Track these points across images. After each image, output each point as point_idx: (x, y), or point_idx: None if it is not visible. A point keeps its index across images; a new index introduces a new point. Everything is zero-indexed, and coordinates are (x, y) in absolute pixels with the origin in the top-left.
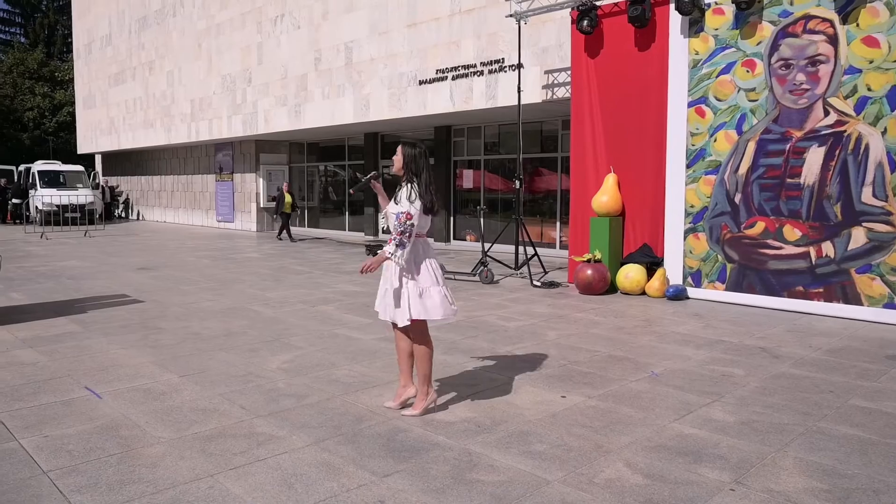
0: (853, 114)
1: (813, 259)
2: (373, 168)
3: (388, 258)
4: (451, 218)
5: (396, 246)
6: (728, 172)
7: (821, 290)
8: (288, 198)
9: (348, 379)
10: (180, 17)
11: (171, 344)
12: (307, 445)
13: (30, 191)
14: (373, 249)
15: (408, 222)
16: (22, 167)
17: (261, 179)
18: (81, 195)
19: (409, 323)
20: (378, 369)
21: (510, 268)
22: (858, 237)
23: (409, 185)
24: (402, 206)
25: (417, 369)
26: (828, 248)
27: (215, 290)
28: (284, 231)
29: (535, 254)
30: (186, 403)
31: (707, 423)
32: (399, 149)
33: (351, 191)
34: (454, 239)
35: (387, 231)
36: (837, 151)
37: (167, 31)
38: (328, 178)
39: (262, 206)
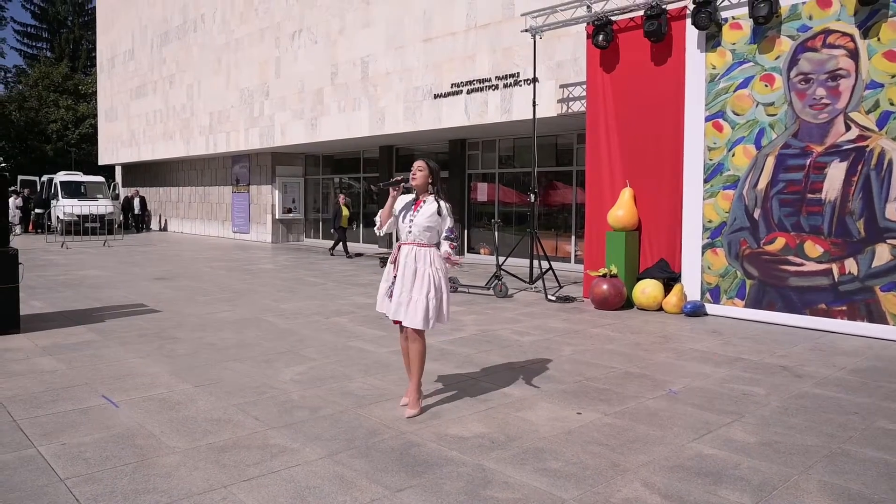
0: (875, 129)
1: (835, 276)
2: (387, 180)
3: (455, 262)
4: (466, 231)
5: (456, 252)
6: (747, 187)
7: (844, 307)
8: (345, 211)
9: (362, 391)
10: (201, 32)
11: (186, 354)
12: (320, 458)
13: (52, 201)
14: (387, 261)
15: (454, 231)
16: (45, 178)
17: (276, 191)
18: (101, 205)
19: (429, 327)
20: (392, 382)
21: (525, 282)
22: (882, 254)
23: (441, 198)
24: (445, 221)
25: (416, 369)
26: (851, 265)
27: (230, 301)
28: (339, 245)
29: (550, 268)
30: (201, 414)
31: (727, 444)
32: (423, 163)
33: (376, 186)
34: (468, 252)
35: (392, 240)
36: (860, 167)
37: (188, 46)
38: (344, 189)
39: (277, 217)
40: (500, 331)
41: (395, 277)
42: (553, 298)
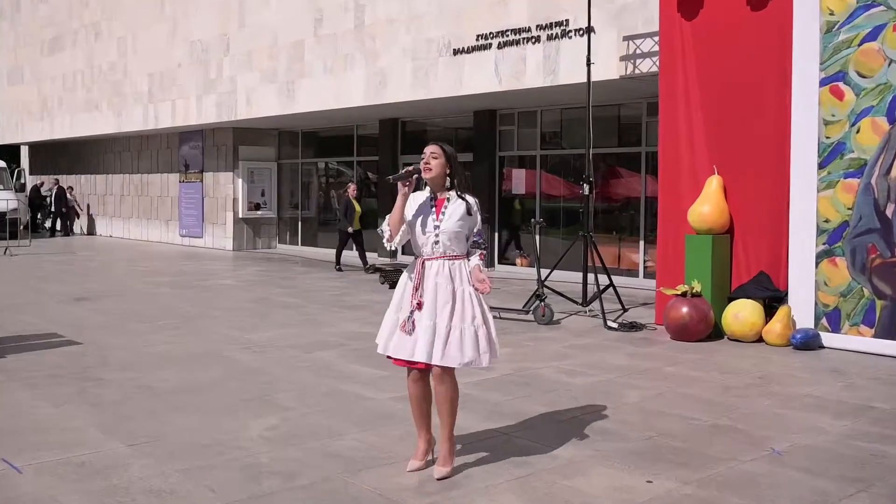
0: None
1: None
2: (390, 165)
3: (485, 287)
4: (496, 234)
5: (482, 262)
6: (876, 175)
7: None
8: (358, 207)
9: (353, 452)
10: None
11: (116, 401)
12: None
13: None
14: (389, 276)
15: (486, 244)
16: None
17: (240, 181)
18: (1, 200)
19: (485, 364)
20: (394, 439)
21: (576, 303)
22: None
23: (465, 194)
24: (475, 221)
25: (448, 417)
26: None
27: (177, 330)
28: (357, 254)
29: (611, 284)
30: (135, 483)
31: None
32: (437, 149)
33: (391, 178)
34: (499, 263)
35: (399, 253)
36: None
37: None
38: (329, 179)
39: (240, 216)
40: (542, 369)
41: (417, 305)
42: (614, 325)
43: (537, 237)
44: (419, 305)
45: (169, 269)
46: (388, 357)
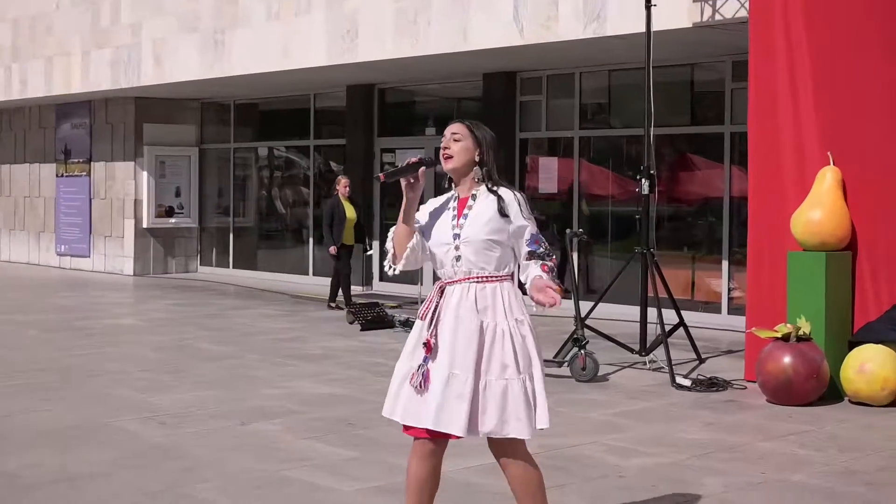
0: None
1: None
2: (365, 158)
3: (552, 301)
4: None
5: (548, 276)
6: None
7: None
8: (351, 212)
9: None
10: None
11: None
12: None
13: None
14: (361, 313)
15: (553, 253)
16: None
17: (144, 174)
18: None
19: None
20: None
21: (631, 350)
22: None
23: (501, 186)
24: (523, 222)
25: None
26: None
27: (52, 390)
28: (346, 285)
29: (681, 323)
30: None
31: None
32: (461, 128)
33: (382, 175)
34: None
35: (391, 277)
36: None
37: None
38: (276, 172)
39: (146, 225)
40: (583, 447)
41: (425, 347)
42: (686, 383)
43: (575, 255)
44: (427, 347)
45: (40, 302)
46: (403, 425)
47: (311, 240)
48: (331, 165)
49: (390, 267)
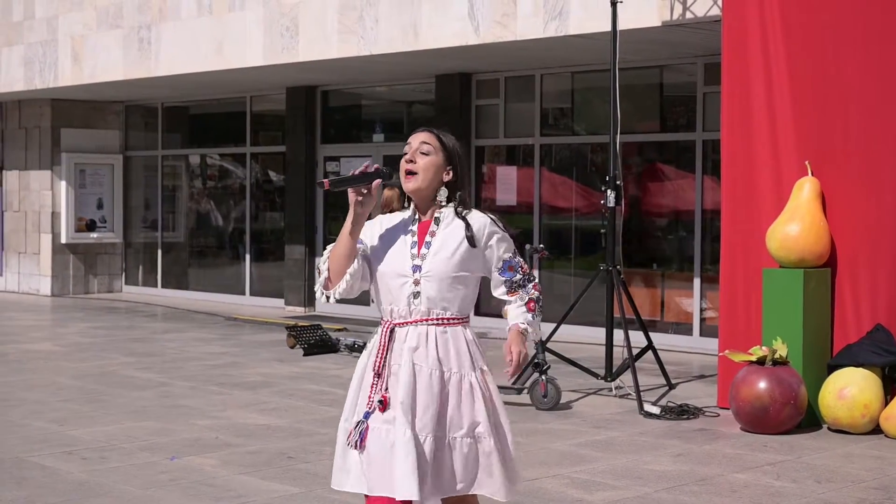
0: None
1: None
2: (306, 166)
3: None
4: None
5: (539, 311)
6: None
7: None
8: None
9: None
10: None
11: None
12: None
13: None
14: (302, 337)
15: (534, 278)
16: None
17: (62, 184)
18: None
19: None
20: None
21: (595, 375)
22: None
23: (468, 210)
24: (498, 251)
25: None
26: None
27: None
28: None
29: (650, 346)
30: None
31: None
32: (430, 137)
33: (326, 182)
34: (476, 314)
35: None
36: None
37: None
38: (209, 183)
39: (65, 240)
40: (543, 479)
41: (379, 404)
42: (655, 410)
43: (536, 273)
44: (382, 404)
45: None
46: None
47: (248, 256)
48: (269, 174)
49: (322, 293)
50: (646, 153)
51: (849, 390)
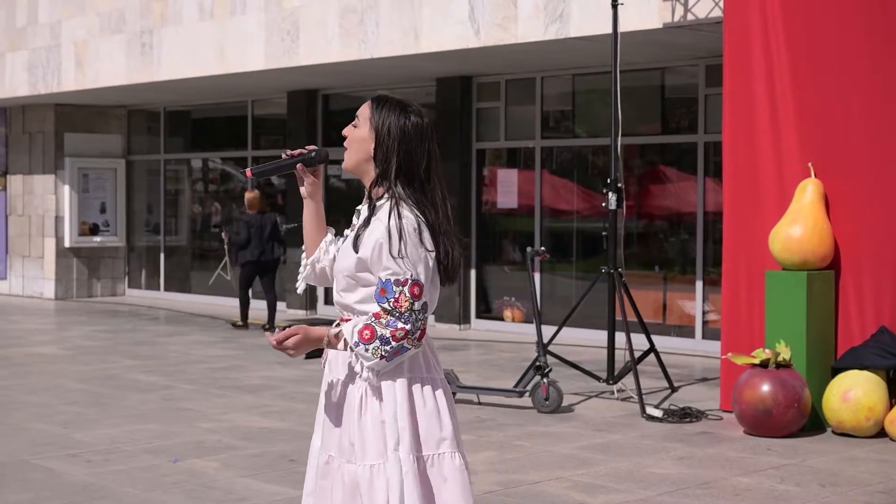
0: None
1: None
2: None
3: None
4: (472, 272)
5: (373, 349)
6: None
7: None
8: None
9: None
10: None
11: None
12: None
13: None
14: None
15: (414, 303)
16: None
17: (66, 188)
18: None
19: None
20: None
21: (597, 378)
22: None
23: (392, 202)
24: (385, 263)
25: None
26: None
27: None
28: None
29: (652, 349)
30: None
31: None
32: (365, 109)
33: (249, 171)
34: (477, 317)
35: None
36: None
37: None
38: (211, 186)
39: (68, 244)
40: (545, 482)
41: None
42: (657, 413)
43: (537, 276)
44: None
45: None
46: None
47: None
48: (270, 178)
49: (306, 266)
50: (647, 155)
51: (853, 393)
